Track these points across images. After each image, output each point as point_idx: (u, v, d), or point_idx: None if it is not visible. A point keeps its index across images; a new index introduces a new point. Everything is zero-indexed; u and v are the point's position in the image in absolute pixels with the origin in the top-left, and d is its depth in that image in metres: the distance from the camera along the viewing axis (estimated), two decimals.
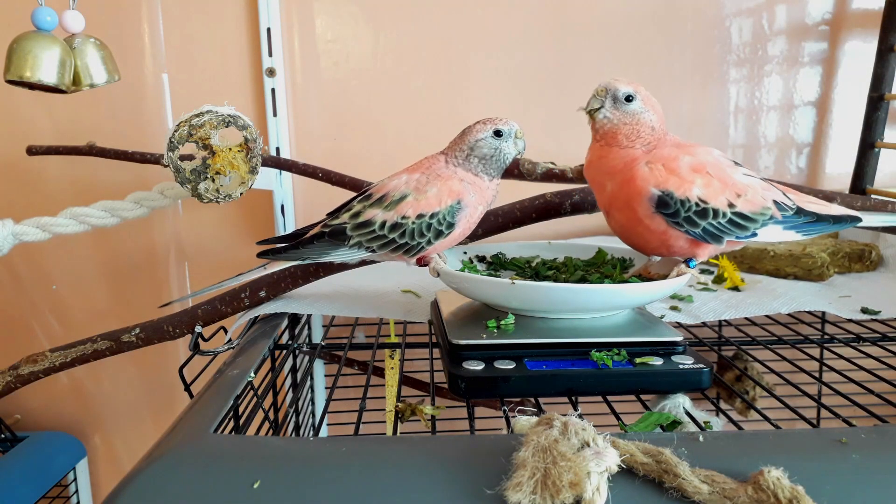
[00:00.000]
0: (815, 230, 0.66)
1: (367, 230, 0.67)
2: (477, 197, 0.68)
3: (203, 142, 0.73)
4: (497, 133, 0.68)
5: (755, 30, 1.14)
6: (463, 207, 0.67)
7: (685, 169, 0.62)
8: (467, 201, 0.67)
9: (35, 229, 0.87)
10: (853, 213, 0.68)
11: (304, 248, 0.69)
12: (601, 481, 0.36)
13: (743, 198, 0.63)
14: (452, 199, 0.66)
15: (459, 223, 0.67)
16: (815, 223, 0.66)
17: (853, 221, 0.68)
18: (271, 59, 1.07)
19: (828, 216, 0.66)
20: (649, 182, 0.62)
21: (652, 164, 0.63)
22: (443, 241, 0.68)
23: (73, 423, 1.20)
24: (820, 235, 1.01)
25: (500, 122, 0.69)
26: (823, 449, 0.42)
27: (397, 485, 0.39)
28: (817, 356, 0.75)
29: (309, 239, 0.70)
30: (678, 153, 0.63)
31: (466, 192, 0.67)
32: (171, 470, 0.41)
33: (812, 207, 0.66)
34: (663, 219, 0.62)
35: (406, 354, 0.72)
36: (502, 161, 0.69)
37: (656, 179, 0.62)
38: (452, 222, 0.67)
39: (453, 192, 0.67)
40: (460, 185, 0.67)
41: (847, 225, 0.67)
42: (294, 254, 0.70)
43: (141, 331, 0.85)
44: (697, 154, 0.64)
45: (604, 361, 0.57)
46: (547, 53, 1.13)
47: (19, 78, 0.70)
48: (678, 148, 0.64)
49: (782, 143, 1.18)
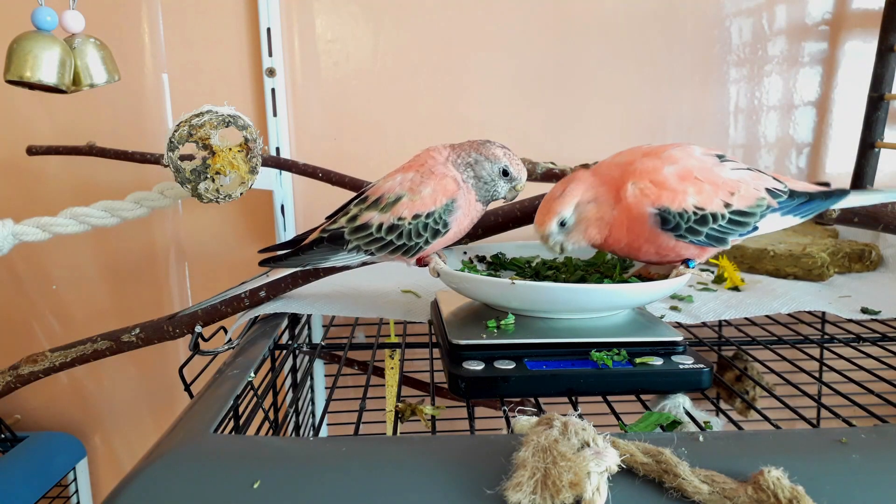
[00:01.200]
0: (812, 210, 0.66)
1: (365, 233, 0.67)
2: (467, 206, 0.67)
3: (203, 142, 0.73)
4: (504, 172, 0.67)
5: (755, 30, 1.14)
6: (455, 209, 0.66)
7: (673, 179, 0.61)
8: (460, 202, 0.67)
9: (35, 229, 0.87)
10: (841, 188, 0.68)
11: (304, 255, 0.69)
12: (601, 481, 0.36)
13: (737, 195, 0.62)
14: (447, 198, 0.66)
15: (452, 224, 0.67)
16: (809, 202, 0.65)
17: (842, 195, 0.68)
18: (271, 59, 1.07)
19: (819, 193, 0.66)
20: (644, 203, 0.61)
21: (639, 184, 0.61)
22: (440, 240, 0.68)
23: (73, 423, 1.20)
24: (820, 236, 1.02)
25: (514, 164, 0.68)
26: (823, 449, 0.42)
27: (397, 485, 0.39)
28: (817, 356, 0.75)
29: (309, 245, 0.70)
30: (659, 164, 0.62)
31: (460, 193, 0.67)
32: (171, 470, 0.41)
33: (802, 187, 0.66)
34: (670, 235, 0.62)
35: (406, 354, 0.72)
36: (490, 194, 0.68)
37: (649, 198, 0.61)
38: (448, 221, 0.67)
39: (447, 190, 0.66)
40: (454, 185, 0.67)
41: (838, 199, 0.67)
42: (295, 260, 0.70)
43: (141, 331, 0.85)
44: (679, 160, 0.62)
45: (604, 361, 0.57)
46: (547, 53, 1.13)
47: (19, 78, 0.70)
48: (656, 157, 0.63)
49: (782, 143, 1.18)
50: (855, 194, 0.69)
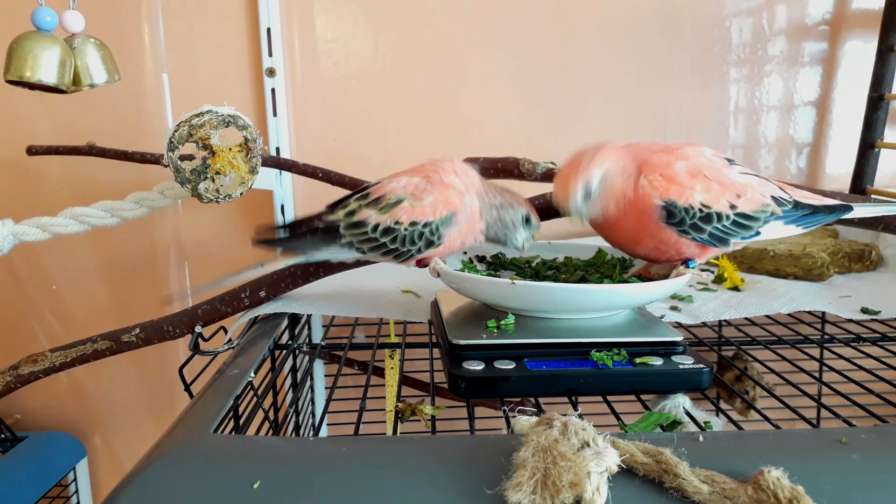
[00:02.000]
0: (814, 222, 0.67)
1: (360, 231, 0.66)
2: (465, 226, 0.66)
3: (203, 142, 0.73)
4: (527, 220, 0.68)
5: (755, 30, 1.14)
6: (452, 223, 0.65)
7: (683, 175, 0.61)
8: (459, 218, 0.65)
9: (35, 229, 0.87)
10: (845, 203, 0.69)
11: (297, 241, 0.68)
12: (601, 481, 0.36)
13: (743, 197, 0.62)
14: (447, 211, 0.65)
15: (445, 238, 0.65)
16: (813, 215, 0.66)
17: (845, 210, 0.68)
18: (271, 59, 1.07)
19: (823, 206, 0.67)
20: (652, 195, 0.61)
21: (649, 177, 0.62)
22: (433, 251, 0.66)
23: (73, 423, 1.20)
24: (820, 236, 1.02)
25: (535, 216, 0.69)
26: (823, 449, 0.42)
27: (397, 485, 0.39)
28: (817, 356, 0.75)
29: (304, 232, 0.68)
30: (671, 159, 0.62)
31: (461, 210, 0.65)
32: (171, 470, 0.41)
33: (807, 199, 0.67)
34: (674, 230, 0.62)
35: (406, 354, 0.72)
36: (504, 236, 0.69)
37: (658, 191, 0.61)
38: (442, 234, 0.65)
39: (449, 203, 0.65)
40: (458, 198, 0.65)
41: (841, 214, 0.68)
42: (288, 245, 0.68)
43: (141, 331, 0.85)
44: (690, 157, 0.63)
45: (604, 361, 0.57)
46: (547, 53, 1.13)
47: (19, 78, 0.70)
48: (669, 153, 0.63)
49: (782, 143, 1.18)
50: (858, 207, 0.70)
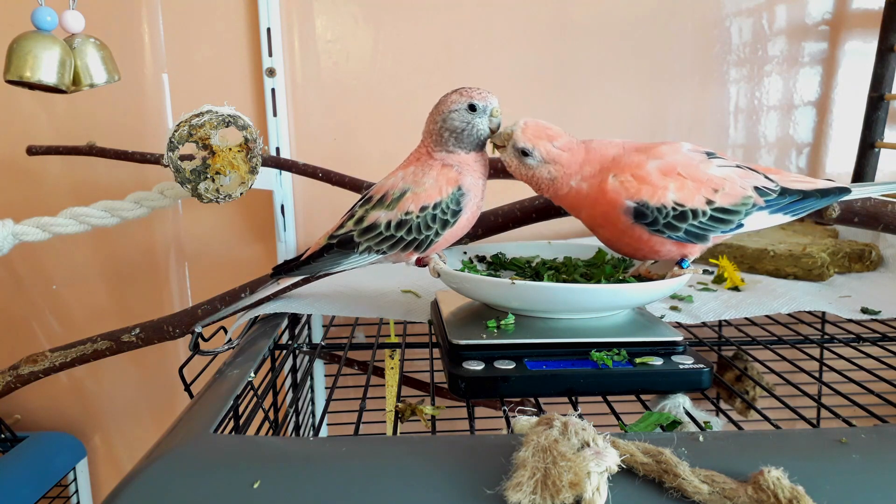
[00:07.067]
0: (804, 208, 0.64)
1: (374, 233, 0.66)
2: (472, 177, 0.66)
3: (203, 142, 0.73)
4: (472, 107, 0.65)
5: (755, 30, 1.14)
6: (465, 192, 0.66)
7: (655, 174, 0.61)
8: (468, 184, 0.66)
9: (35, 229, 0.87)
10: (841, 185, 0.66)
11: (315, 262, 0.68)
12: (601, 481, 0.36)
13: (721, 192, 0.62)
14: (453, 187, 0.65)
15: (467, 207, 0.66)
16: (802, 201, 0.64)
17: (842, 193, 0.65)
18: (271, 59, 1.07)
19: (814, 191, 0.64)
20: (621, 195, 0.61)
21: (619, 176, 0.62)
22: (452, 230, 0.67)
23: (73, 423, 1.20)
24: (820, 236, 1.02)
25: (476, 95, 0.65)
26: (823, 449, 0.42)
27: (397, 485, 0.39)
28: (817, 356, 0.75)
29: (318, 253, 0.68)
30: (643, 159, 0.62)
31: (463, 175, 0.66)
32: (171, 470, 0.41)
33: (797, 185, 0.65)
34: (644, 228, 0.62)
35: (406, 354, 0.72)
36: (476, 137, 0.66)
37: (628, 191, 0.61)
38: (458, 209, 0.65)
39: (451, 179, 0.65)
40: (454, 172, 0.66)
41: (836, 197, 0.65)
42: (306, 268, 0.68)
43: (141, 331, 0.85)
44: (665, 155, 0.62)
45: (604, 361, 0.57)
46: (547, 53, 1.13)
47: (19, 78, 0.70)
48: (642, 153, 0.63)
49: (782, 143, 1.18)
50: (857, 188, 0.67)
